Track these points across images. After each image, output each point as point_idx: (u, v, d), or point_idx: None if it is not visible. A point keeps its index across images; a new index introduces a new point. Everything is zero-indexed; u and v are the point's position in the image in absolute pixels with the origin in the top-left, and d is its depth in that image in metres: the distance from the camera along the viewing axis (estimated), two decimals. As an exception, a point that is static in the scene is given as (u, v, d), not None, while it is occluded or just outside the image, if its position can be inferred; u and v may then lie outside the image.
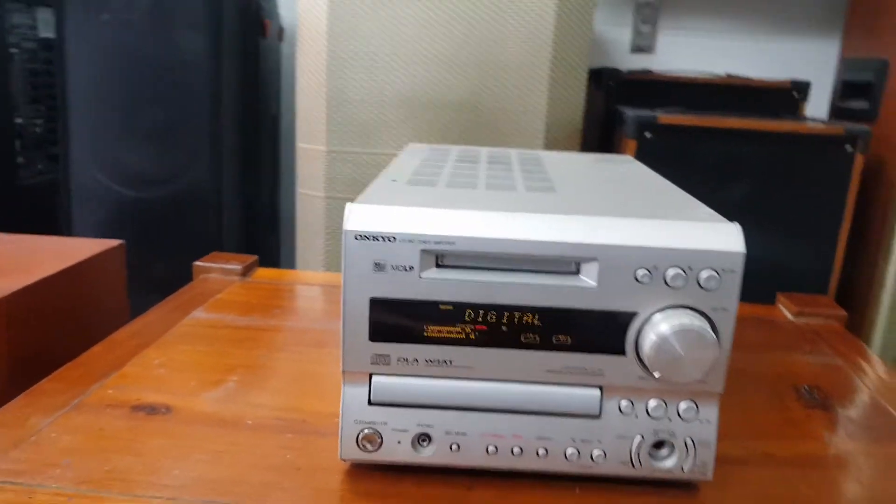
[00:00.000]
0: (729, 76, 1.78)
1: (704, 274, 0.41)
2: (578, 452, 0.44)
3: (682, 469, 0.44)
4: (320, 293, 0.81)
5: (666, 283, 0.41)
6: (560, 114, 1.38)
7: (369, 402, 0.44)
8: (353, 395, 0.44)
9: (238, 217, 1.60)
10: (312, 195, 1.41)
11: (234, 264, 0.83)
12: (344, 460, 0.45)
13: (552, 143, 1.39)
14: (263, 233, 1.80)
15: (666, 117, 1.32)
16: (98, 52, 1.45)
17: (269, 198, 1.82)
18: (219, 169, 1.50)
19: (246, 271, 0.83)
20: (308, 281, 0.85)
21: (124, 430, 0.49)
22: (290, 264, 2.03)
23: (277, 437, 0.49)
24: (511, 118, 1.36)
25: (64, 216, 1.53)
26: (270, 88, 1.76)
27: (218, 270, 0.82)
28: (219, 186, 1.51)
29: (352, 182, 1.39)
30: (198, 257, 0.85)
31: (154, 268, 1.50)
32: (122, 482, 0.44)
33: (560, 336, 0.42)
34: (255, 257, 0.87)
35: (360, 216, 0.42)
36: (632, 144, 1.32)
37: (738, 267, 0.41)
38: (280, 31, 1.84)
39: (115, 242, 0.88)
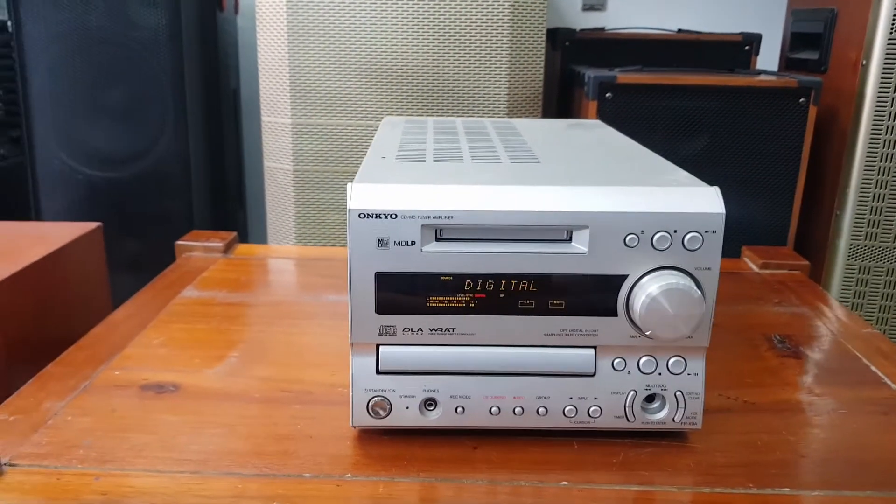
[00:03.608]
0: (680, 31, 1.81)
1: (689, 236, 0.44)
2: (576, 409, 0.47)
3: (674, 420, 0.47)
4: (300, 267, 0.83)
5: (653, 245, 0.44)
6: (521, 77, 1.40)
7: (377, 371, 0.46)
8: (362, 365, 0.46)
9: (206, 193, 1.59)
10: (280, 168, 1.42)
11: (216, 242, 0.84)
12: (355, 427, 0.48)
13: (514, 107, 1.41)
14: (232, 207, 1.79)
15: (624, 77, 1.35)
16: (56, 33, 1.42)
17: (235, 172, 1.82)
18: (185, 146, 1.49)
19: (227, 248, 0.84)
20: (286, 255, 0.87)
21: (136, 410, 0.51)
22: (259, 238, 2.03)
23: (286, 409, 0.52)
24: (473, 83, 1.37)
25: (31, 200, 1.52)
26: (229, 62, 1.74)
27: (200, 248, 0.83)
28: (186, 163, 1.50)
29: (319, 154, 1.39)
30: (169, 235, 0.86)
31: (126, 248, 1.50)
32: (144, 459, 0.45)
33: (555, 301, 0.45)
34: (234, 234, 0.88)
35: (362, 195, 0.43)
36: (593, 105, 1.34)
37: (720, 227, 0.44)
38: (236, 4, 1.81)
39: (92, 225, 0.88)
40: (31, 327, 0.74)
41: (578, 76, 1.48)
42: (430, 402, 0.47)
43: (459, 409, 0.47)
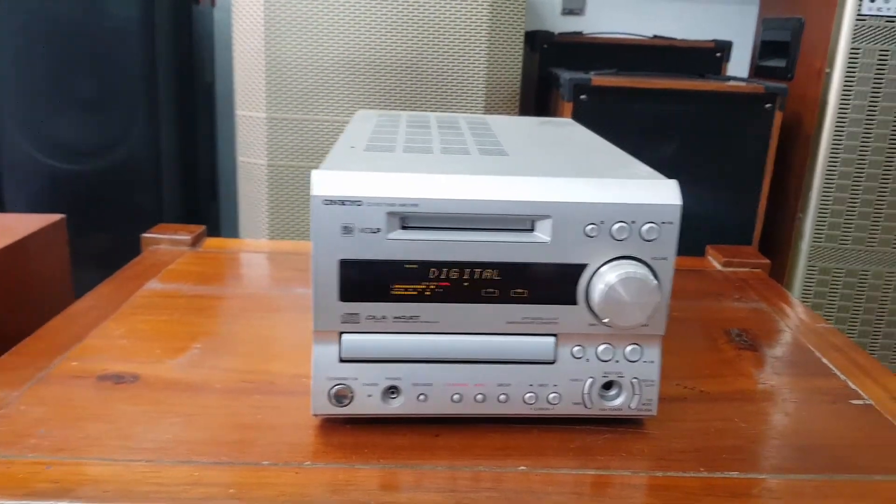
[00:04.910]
0: (655, 37, 1.83)
1: (646, 226, 0.44)
2: (536, 396, 0.47)
3: (630, 406, 0.48)
4: (270, 261, 0.83)
5: (612, 236, 0.45)
6: (498, 76, 1.40)
7: (340, 360, 0.46)
8: (324, 352, 0.46)
9: (177, 187, 1.58)
10: (254, 163, 1.41)
11: (183, 234, 0.83)
12: (316, 416, 0.48)
13: (492, 106, 1.41)
14: (204, 202, 1.78)
15: (599, 79, 1.36)
16: (23, 22, 1.40)
17: (208, 166, 1.80)
18: (156, 139, 1.48)
19: (195, 241, 0.84)
20: (257, 249, 0.87)
21: (94, 400, 0.51)
22: (232, 233, 2.01)
23: (247, 398, 0.51)
24: (451, 81, 1.38)
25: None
26: (205, 56, 1.73)
27: (167, 241, 0.83)
28: (157, 156, 1.49)
29: (294, 149, 1.39)
30: (139, 229, 0.85)
31: (94, 241, 1.48)
32: (98, 448, 0.45)
33: (517, 289, 0.45)
34: (202, 227, 0.87)
35: (326, 182, 0.43)
36: (568, 106, 1.36)
37: (676, 219, 0.45)
38: (211, -3, 1.81)
39: (55, 217, 0.87)
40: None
41: (555, 78, 1.50)
42: (392, 390, 0.47)
43: (422, 397, 0.47)
